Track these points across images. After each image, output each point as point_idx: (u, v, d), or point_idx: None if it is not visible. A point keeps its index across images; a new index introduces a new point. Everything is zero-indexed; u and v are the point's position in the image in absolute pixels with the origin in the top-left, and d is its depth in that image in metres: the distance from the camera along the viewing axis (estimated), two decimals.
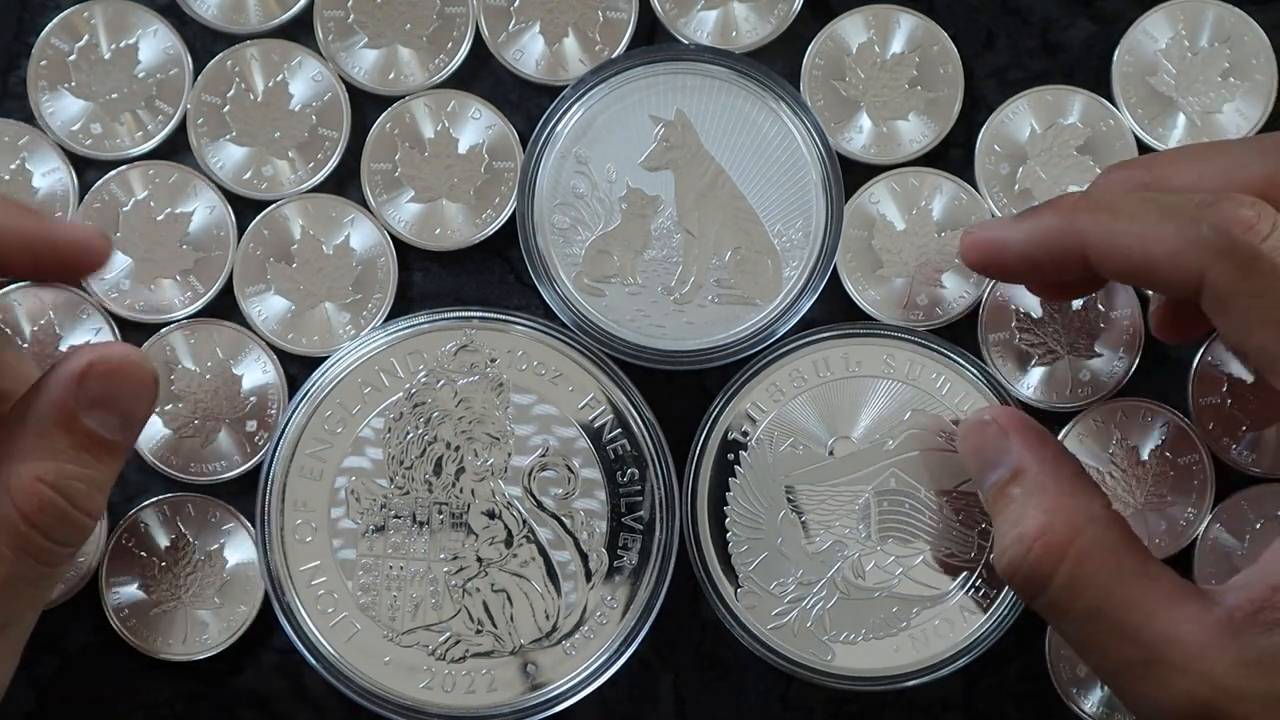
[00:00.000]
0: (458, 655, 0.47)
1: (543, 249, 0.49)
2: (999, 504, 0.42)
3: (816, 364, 0.49)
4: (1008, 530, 0.41)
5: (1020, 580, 0.41)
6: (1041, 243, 0.43)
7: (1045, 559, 0.40)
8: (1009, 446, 0.43)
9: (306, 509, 0.48)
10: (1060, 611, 0.40)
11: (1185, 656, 0.38)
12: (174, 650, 0.49)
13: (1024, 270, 0.44)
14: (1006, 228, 0.44)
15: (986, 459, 0.44)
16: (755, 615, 0.48)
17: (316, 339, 0.50)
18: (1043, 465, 0.42)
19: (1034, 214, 0.43)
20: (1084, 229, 0.41)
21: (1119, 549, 0.40)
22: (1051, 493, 0.41)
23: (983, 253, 0.45)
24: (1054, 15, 0.52)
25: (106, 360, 0.41)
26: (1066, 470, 0.42)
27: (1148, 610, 0.39)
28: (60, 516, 0.39)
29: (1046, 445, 0.43)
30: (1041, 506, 0.41)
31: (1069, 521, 0.40)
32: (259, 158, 0.51)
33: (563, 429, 0.48)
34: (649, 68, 0.49)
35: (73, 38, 0.51)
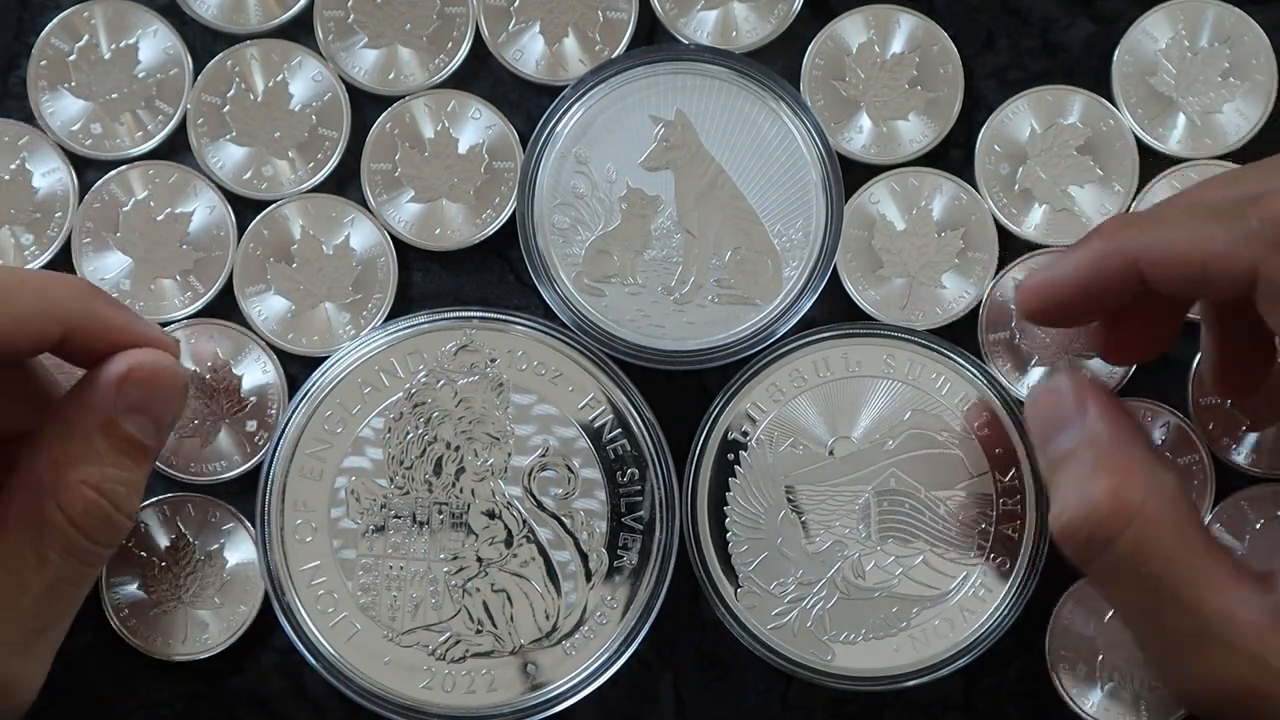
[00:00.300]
0: (458, 655, 0.47)
1: (543, 249, 0.49)
2: (1065, 464, 0.41)
3: (816, 364, 0.49)
4: (1071, 490, 0.41)
5: (1081, 539, 0.40)
6: (1093, 269, 0.42)
7: (1112, 520, 0.39)
8: (1084, 410, 0.42)
9: (306, 509, 0.48)
10: (1119, 576, 0.40)
11: (1240, 635, 0.38)
12: (174, 650, 0.49)
13: (1084, 304, 0.43)
14: (1054, 266, 0.43)
15: (1058, 420, 0.42)
16: (755, 615, 0.48)
17: (316, 339, 0.50)
18: (1116, 432, 0.41)
19: (1079, 245, 0.43)
20: (1133, 244, 0.40)
21: (1185, 522, 0.40)
22: (1124, 458, 0.41)
23: (1039, 298, 0.43)
24: (1054, 15, 0.52)
25: (144, 366, 0.42)
26: (1141, 441, 0.42)
27: (1209, 584, 0.38)
28: (104, 519, 0.41)
29: (1121, 414, 0.42)
30: (1113, 469, 0.40)
31: (1141, 486, 0.40)
32: (259, 158, 0.51)
33: (563, 429, 0.48)
34: (649, 68, 0.49)
35: (73, 38, 0.51)
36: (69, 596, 0.41)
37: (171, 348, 0.44)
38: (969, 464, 0.48)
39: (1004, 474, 0.48)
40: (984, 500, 0.48)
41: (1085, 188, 0.50)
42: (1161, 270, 0.40)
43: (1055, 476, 0.42)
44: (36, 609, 0.40)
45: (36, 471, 0.40)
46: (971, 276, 0.50)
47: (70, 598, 0.41)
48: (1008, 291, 0.50)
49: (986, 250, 0.50)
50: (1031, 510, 0.48)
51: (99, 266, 0.50)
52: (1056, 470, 0.42)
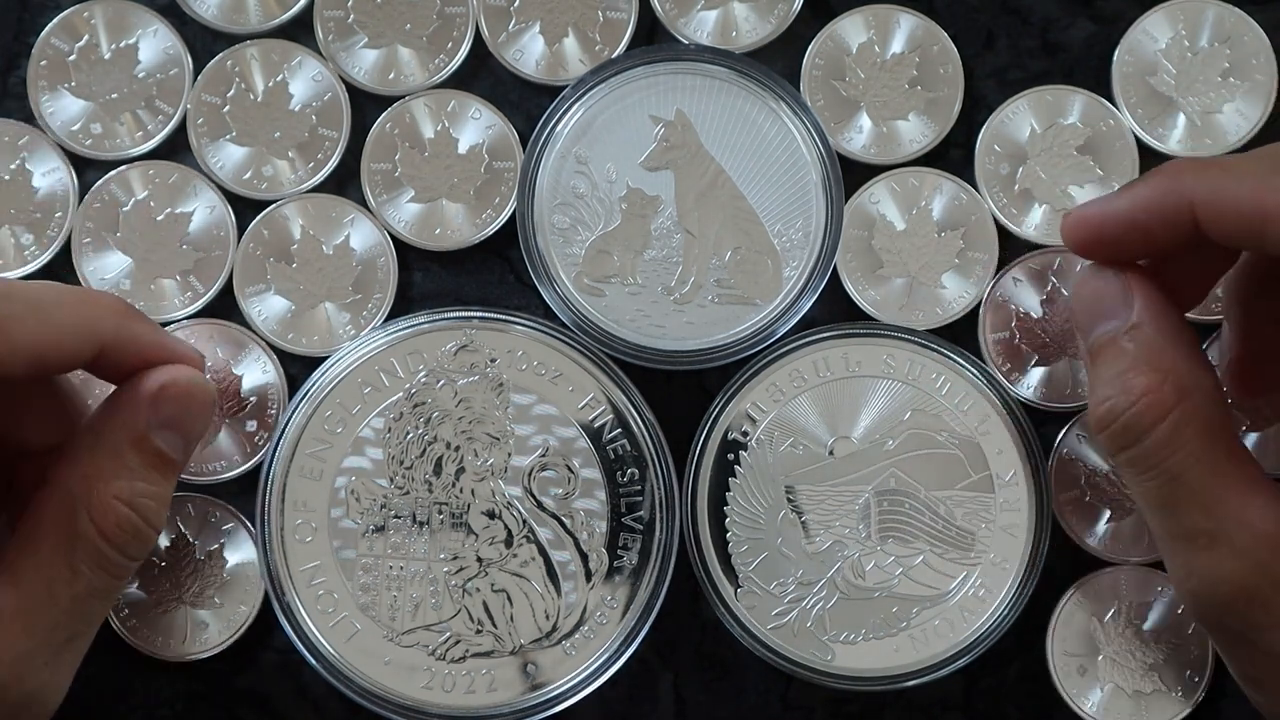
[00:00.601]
0: (458, 655, 0.47)
1: (543, 249, 0.49)
2: (1107, 352, 0.42)
3: (816, 364, 0.49)
4: (1113, 379, 0.41)
5: (1117, 429, 0.40)
6: (1149, 208, 0.41)
7: (1149, 413, 0.40)
8: (1132, 300, 0.42)
9: (306, 509, 0.48)
10: (1146, 466, 0.40)
11: (1248, 539, 0.39)
12: (174, 650, 0.49)
13: (1133, 241, 0.42)
14: (1110, 201, 0.43)
15: (1104, 308, 0.42)
16: (755, 615, 0.48)
17: (316, 339, 0.50)
18: (1161, 324, 0.41)
19: (1138, 183, 0.42)
20: (1193, 188, 0.40)
21: (1217, 424, 0.40)
22: (1168, 354, 0.41)
23: (1090, 228, 0.43)
24: (1054, 15, 0.52)
25: (177, 383, 0.42)
26: (1185, 338, 0.42)
27: (1228, 487, 0.39)
28: (135, 532, 0.41)
29: (1167, 306, 0.42)
30: (1155, 364, 0.40)
31: (1179, 384, 0.40)
32: (259, 158, 0.51)
33: (563, 429, 0.48)
34: (649, 68, 0.49)
35: (73, 38, 0.51)
36: (97, 608, 0.42)
37: (199, 363, 0.44)
38: (969, 464, 0.48)
39: (1004, 474, 0.48)
40: (984, 500, 0.48)
41: (1085, 188, 0.50)
42: (1219, 217, 0.40)
43: (1097, 363, 0.42)
44: (66, 620, 0.40)
45: (68, 485, 0.41)
46: (971, 276, 0.50)
47: (98, 609, 0.42)
48: (1008, 291, 0.50)
49: (986, 250, 0.50)
50: (1031, 510, 0.48)
51: (99, 266, 0.50)
52: (1099, 357, 0.42)
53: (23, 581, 0.40)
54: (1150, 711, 0.49)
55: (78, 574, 0.40)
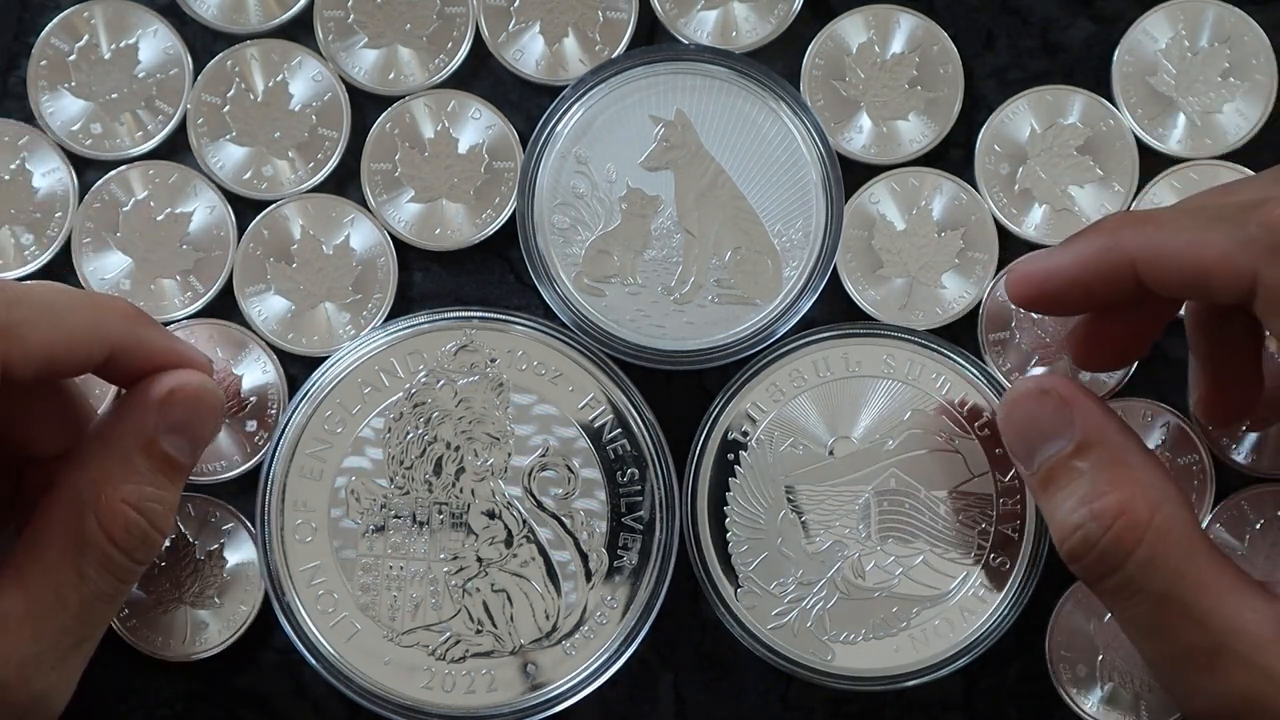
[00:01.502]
0: (458, 655, 0.47)
1: (543, 249, 0.49)
2: (1060, 478, 0.41)
3: (816, 364, 0.49)
4: (1076, 506, 0.40)
5: (1093, 559, 0.39)
6: (1089, 264, 0.41)
7: (1125, 537, 0.39)
8: (1071, 417, 0.41)
9: (306, 509, 0.48)
10: (1129, 593, 0.39)
11: (1249, 648, 0.37)
12: (174, 650, 0.49)
13: (1076, 297, 0.42)
14: (1050, 257, 0.42)
15: (1042, 431, 0.41)
16: (755, 615, 0.48)
17: (316, 339, 0.50)
18: (1111, 437, 0.40)
19: (1077, 239, 0.42)
20: (1131, 243, 0.40)
21: (1191, 531, 0.39)
22: (1125, 467, 0.40)
23: (1031, 285, 0.42)
24: (1054, 15, 0.52)
25: (186, 388, 0.42)
26: (1135, 444, 0.41)
27: (1217, 597, 0.38)
28: (143, 537, 0.41)
29: (1111, 418, 0.41)
30: (1117, 482, 0.39)
31: (1148, 499, 0.39)
32: (259, 158, 0.51)
33: (563, 429, 0.48)
34: (649, 68, 0.49)
35: (73, 38, 0.51)
36: (104, 612, 0.42)
37: (207, 368, 0.45)
38: (969, 464, 0.48)
39: (1004, 474, 0.48)
40: (984, 500, 0.48)
41: (1085, 188, 0.50)
42: (1158, 272, 0.40)
43: (1049, 491, 0.41)
44: (73, 624, 0.40)
45: (76, 489, 0.41)
46: (971, 276, 0.50)
47: (105, 613, 0.42)
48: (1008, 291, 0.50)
49: (986, 250, 0.50)
50: (1031, 510, 0.48)
51: (99, 266, 0.50)
52: (1051, 483, 0.41)
53: (30, 586, 0.40)
54: (1150, 711, 0.49)
55: (85, 578, 0.40)
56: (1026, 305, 0.44)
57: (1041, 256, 0.43)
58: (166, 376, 0.42)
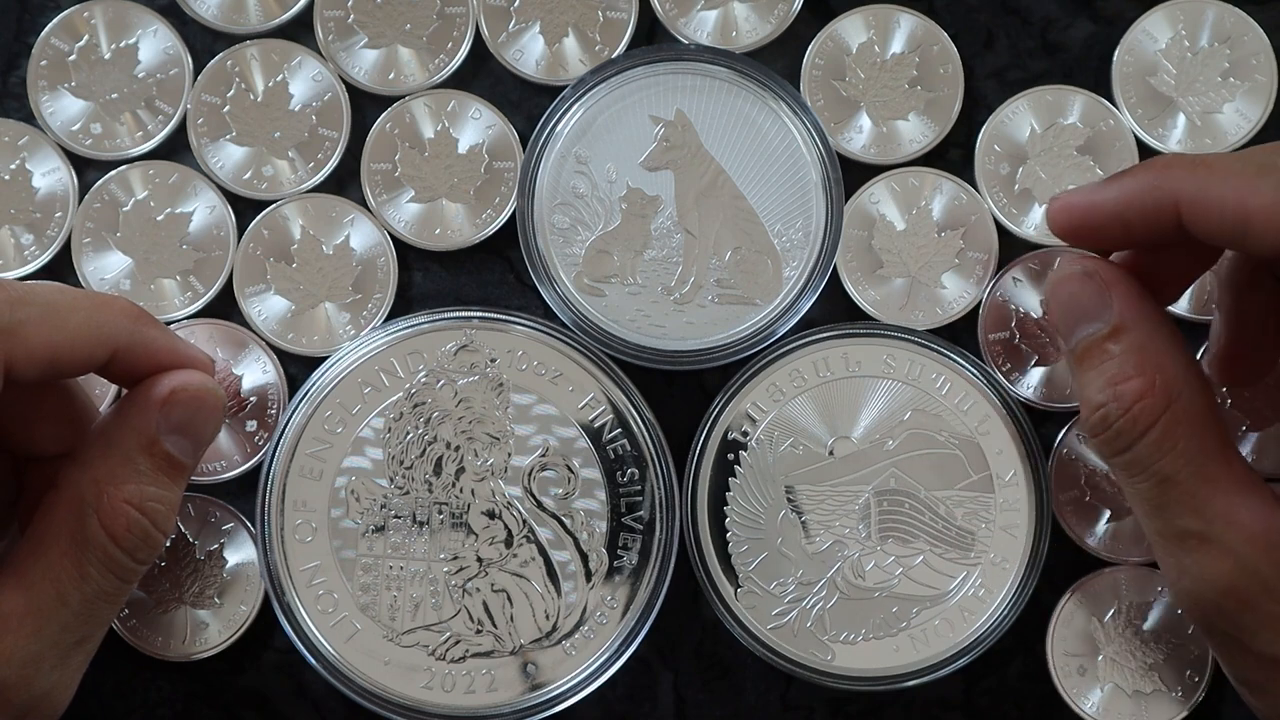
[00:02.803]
0: (458, 655, 0.47)
1: (543, 249, 0.49)
2: (1093, 357, 0.42)
3: (816, 364, 0.49)
4: (1103, 385, 0.41)
5: (1110, 435, 0.41)
6: (1134, 201, 0.41)
7: (1141, 418, 0.40)
8: (1109, 300, 0.42)
9: (306, 509, 0.48)
10: (1138, 469, 0.41)
11: (1237, 540, 0.39)
12: (174, 650, 0.49)
13: (1116, 233, 0.42)
14: (1096, 190, 0.43)
15: (1083, 311, 0.42)
16: (755, 615, 0.48)
17: (316, 339, 0.50)
18: (1144, 324, 0.41)
19: (1126, 174, 0.42)
20: (1179, 185, 0.40)
21: (1207, 421, 0.40)
22: (1153, 353, 0.41)
23: (1073, 215, 0.43)
24: (1054, 15, 0.52)
25: (187, 388, 0.43)
26: (1166, 332, 0.42)
27: (1217, 486, 0.40)
28: (145, 536, 0.41)
29: (1147, 304, 0.42)
30: (1143, 367, 0.41)
31: (1168, 385, 0.40)
32: (259, 158, 0.51)
33: (563, 429, 0.48)
34: (649, 68, 0.49)
35: (73, 38, 0.51)
36: (105, 611, 0.42)
37: (208, 367, 0.45)
38: (969, 464, 0.48)
39: (1004, 474, 0.48)
40: (984, 500, 0.48)
41: None
42: (1202, 215, 0.40)
43: (1083, 368, 0.42)
44: (75, 622, 0.41)
45: (79, 489, 0.41)
46: (971, 276, 0.50)
47: (106, 612, 0.42)
48: (1008, 291, 0.50)
49: (986, 250, 0.50)
50: (1031, 510, 0.48)
51: (99, 266, 0.50)
52: (1084, 362, 0.42)
53: (33, 584, 0.40)
54: (1150, 711, 0.49)
55: (87, 577, 0.40)
56: (1065, 235, 0.44)
57: (1086, 189, 0.43)
58: (168, 377, 0.43)
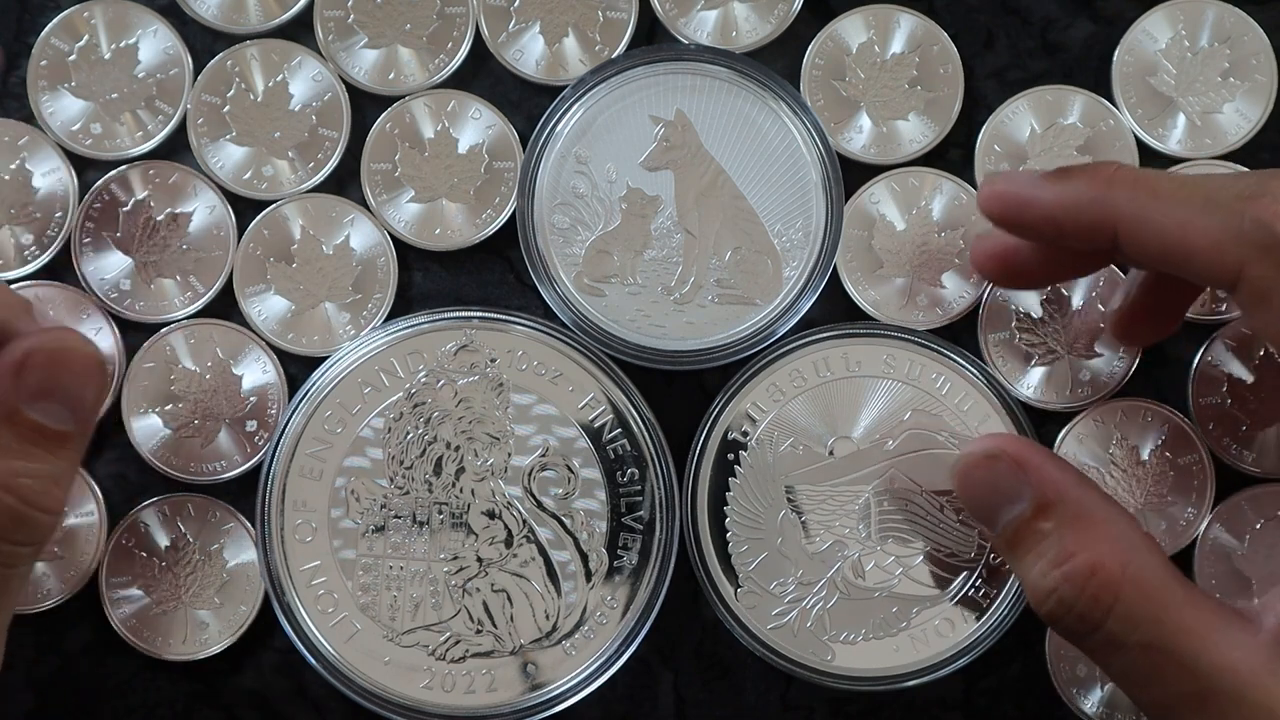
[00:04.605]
0: (458, 655, 0.47)
1: (543, 249, 0.49)
2: (1025, 541, 0.40)
3: (816, 364, 0.49)
4: (1046, 570, 0.39)
5: (1073, 620, 0.38)
6: (1072, 209, 0.40)
7: (1102, 595, 0.38)
8: (1025, 478, 0.40)
9: (306, 509, 0.48)
10: (1114, 648, 0.38)
11: (1239, 685, 0.37)
12: (174, 650, 0.49)
13: (1045, 232, 0.42)
14: (1036, 186, 0.41)
15: (1000, 495, 0.41)
16: (755, 615, 0.48)
17: (316, 339, 0.50)
18: (1070, 495, 0.40)
19: (1067, 177, 0.41)
20: (1121, 205, 0.39)
21: (1165, 575, 0.38)
22: (1088, 522, 0.39)
23: (1005, 205, 0.42)
24: (1054, 15, 0.52)
25: (42, 349, 0.39)
26: (1095, 496, 0.40)
27: (1200, 639, 0.37)
28: (15, 517, 0.38)
29: (1067, 472, 0.40)
30: (1083, 540, 0.39)
31: (1117, 553, 0.38)
32: (259, 158, 0.51)
33: (563, 429, 0.48)
34: (649, 68, 0.49)
35: (73, 38, 0.51)
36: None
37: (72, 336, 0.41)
38: None
39: None
40: None
41: None
42: (1141, 242, 0.39)
43: (1018, 553, 0.40)
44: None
45: None
46: (971, 276, 0.50)
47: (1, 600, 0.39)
48: (1008, 291, 0.50)
49: None
50: None
51: (99, 266, 0.50)
52: (1017, 546, 0.40)
53: None
54: None
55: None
56: (994, 220, 0.43)
57: (1024, 181, 0.42)
58: (20, 341, 0.39)
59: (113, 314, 0.50)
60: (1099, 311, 0.50)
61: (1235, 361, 0.50)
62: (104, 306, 0.50)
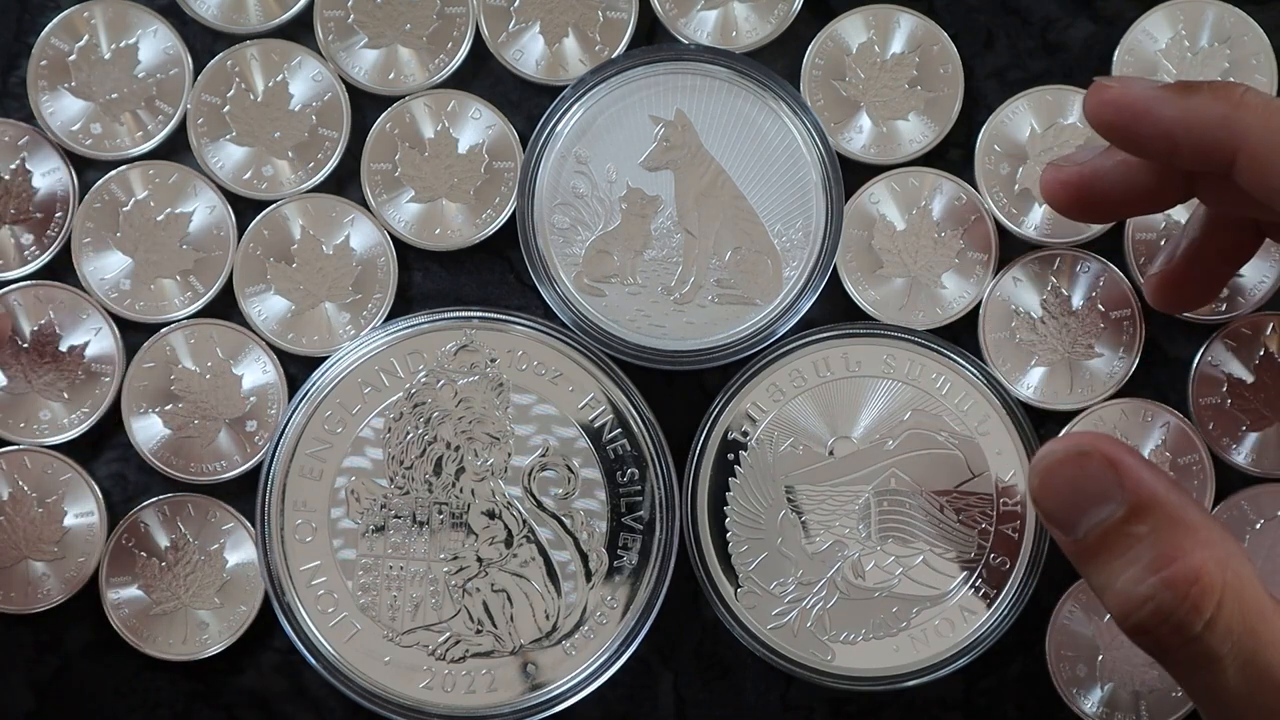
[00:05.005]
0: (458, 655, 0.47)
1: (543, 249, 0.49)
2: (1115, 545, 0.37)
3: (816, 364, 0.49)
4: (1142, 575, 0.36)
5: (1168, 630, 0.35)
6: (1194, 127, 0.38)
7: (1204, 603, 0.35)
8: (1119, 478, 0.37)
9: (306, 509, 0.48)
10: (1207, 661, 0.35)
11: None
12: (174, 650, 0.49)
13: (1158, 147, 0.39)
14: (1157, 97, 0.39)
15: (1088, 495, 0.37)
16: (755, 615, 0.48)
17: (316, 339, 0.50)
18: (1167, 498, 0.36)
19: (1193, 92, 0.39)
20: (1250, 127, 0.37)
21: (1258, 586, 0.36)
22: (1188, 527, 0.36)
23: (1120, 113, 0.39)
24: (1054, 15, 0.52)
25: None
26: (1188, 500, 0.37)
27: None
28: None
29: (1159, 474, 0.37)
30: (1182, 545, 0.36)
31: (1217, 560, 0.35)
32: (259, 158, 0.51)
33: (563, 429, 0.48)
34: (649, 68, 0.49)
35: (73, 38, 0.51)
36: None
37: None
38: (969, 464, 0.48)
39: (1004, 474, 0.48)
40: (984, 500, 0.48)
41: None
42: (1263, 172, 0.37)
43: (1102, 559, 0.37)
44: None
45: None
46: (971, 276, 0.50)
47: None
48: (1008, 291, 0.50)
49: (986, 250, 0.50)
50: (1031, 510, 0.48)
51: (99, 266, 0.50)
52: (1103, 551, 0.37)
53: None
54: (1150, 711, 0.49)
55: None
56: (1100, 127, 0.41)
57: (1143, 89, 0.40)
58: None
59: (113, 314, 0.50)
60: (1099, 311, 0.50)
61: (1235, 361, 0.50)
62: (104, 306, 0.50)
